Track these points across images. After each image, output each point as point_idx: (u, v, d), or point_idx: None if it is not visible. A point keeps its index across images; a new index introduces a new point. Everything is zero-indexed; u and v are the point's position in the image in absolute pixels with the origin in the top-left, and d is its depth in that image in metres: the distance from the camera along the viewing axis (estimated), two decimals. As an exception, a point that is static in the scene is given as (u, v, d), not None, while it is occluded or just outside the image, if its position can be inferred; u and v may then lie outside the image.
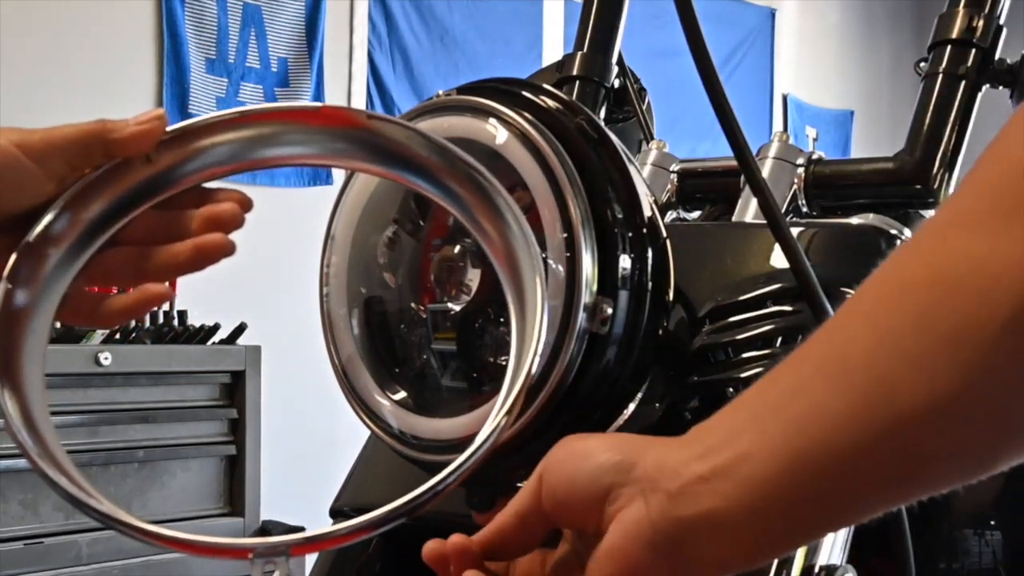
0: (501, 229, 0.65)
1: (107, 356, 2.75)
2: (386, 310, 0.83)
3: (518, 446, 0.75)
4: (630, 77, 1.12)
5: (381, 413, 0.81)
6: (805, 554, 0.76)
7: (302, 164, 0.70)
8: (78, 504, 0.59)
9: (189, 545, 0.57)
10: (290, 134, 0.68)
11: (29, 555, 2.63)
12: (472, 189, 0.66)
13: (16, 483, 2.65)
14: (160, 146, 0.67)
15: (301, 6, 3.96)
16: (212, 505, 2.99)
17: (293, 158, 0.69)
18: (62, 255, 0.65)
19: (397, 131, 0.67)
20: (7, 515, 2.63)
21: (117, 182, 0.66)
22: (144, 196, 0.67)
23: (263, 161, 0.69)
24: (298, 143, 0.68)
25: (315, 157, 0.69)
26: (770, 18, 5.78)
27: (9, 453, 2.62)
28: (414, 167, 0.67)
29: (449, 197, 0.67)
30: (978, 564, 1.01)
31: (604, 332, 0.74)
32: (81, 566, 2.69)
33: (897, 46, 6.39)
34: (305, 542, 0.58)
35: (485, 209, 0.66)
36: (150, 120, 0.66)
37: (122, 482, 2.81)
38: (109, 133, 0.65)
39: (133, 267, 0.67)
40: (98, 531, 2.75)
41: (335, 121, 0.67)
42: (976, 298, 0.44)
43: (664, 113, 1.22)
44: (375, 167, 0.68)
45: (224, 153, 0.69)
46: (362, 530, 0.59)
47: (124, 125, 0.66)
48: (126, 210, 0.67)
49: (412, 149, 0.67)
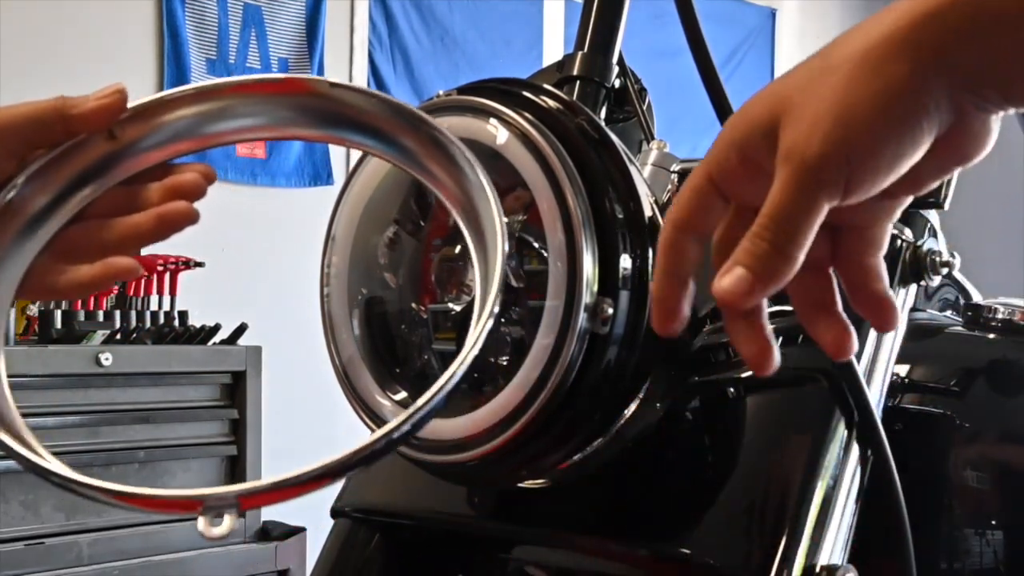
0: (459, 179, 0.65)
1: (108, 356, 2.75)
2: (387, 310, 0.83)
3: (519, 446, 0.75)
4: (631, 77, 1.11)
5: (382, 413, 0.81)
6: (805, 554, 0.76)
7: (266, 137, 0.70)
8: (25, 463, 0.58)
9: (138, 499, 0.56)
10: (252, 105, 0.68)
11: (30, 555, 2.63)
12: (427, 143, 0.66)
13: (17, 484, 2.65)
14: (124, 122, 0.67)
15: (301, 6, 3.95)
16: (213, 505, 2.99)
17: (256, 129, 0.69)
18: (22, 230, 0.65)
19: (358, 97, 0.67)
20: (8, 515, 2.63)
21: (79, 158, 0.66)
22: (108, 172, 0.67)
23: (228, 134, 0.69)
24: (259, 114, 0.68)
25: (276, 127, 0.69)
26: (770, 18, 5.78)
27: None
28: (373, 130, 0.67)
29: (405, 155, 0.67)
30: (979, 564, 1.01)
31: (605, 332, 0.74)
32: (82, 567, 2.69)
33: (897, 46, 6.39)
34: (255, 492, 0.55)
35: (442, 162, 0.65)
36: (110, 95, 0.66)
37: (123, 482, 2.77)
38: (69, 109, 0.65)
39: (96, 240, 0.66)
40: (99, 531, 2.75)
41: (296, 90, 0.67)
42: None
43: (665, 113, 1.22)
44: (336, 134, 0.68)
45: (190, 126, 0.68)
46: (317, 479, 0.56)
47: (83, 100, 0.65)
48: (90, 186, 0.66)
49: (371, 113, 0.67)
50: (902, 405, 1.00)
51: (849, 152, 0.51)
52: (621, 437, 0.78)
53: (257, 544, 3.01)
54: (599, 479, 0.82)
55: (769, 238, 0.52)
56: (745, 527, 0.79)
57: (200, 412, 2.94)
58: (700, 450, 0.85)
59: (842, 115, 0.51)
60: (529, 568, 0.92)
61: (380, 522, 0.94)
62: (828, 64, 0.53)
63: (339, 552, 0.95)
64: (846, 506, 0.79)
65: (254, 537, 3.02)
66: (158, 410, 2.87)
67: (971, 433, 1.03)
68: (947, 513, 1.00)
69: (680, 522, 0.81)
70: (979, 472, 1.05)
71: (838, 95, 0.51)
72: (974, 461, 1.04)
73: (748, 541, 0.78)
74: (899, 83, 0.50)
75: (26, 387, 2.66)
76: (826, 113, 0.51)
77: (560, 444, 0.76)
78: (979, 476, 1.05)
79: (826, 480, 0.78)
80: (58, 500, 2.70)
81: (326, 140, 0.70)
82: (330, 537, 0.96)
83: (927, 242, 0.89)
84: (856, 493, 0.80)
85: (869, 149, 0.51)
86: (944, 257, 0.89)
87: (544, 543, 0.88)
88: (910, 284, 0.89)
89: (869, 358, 0.84)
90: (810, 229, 0.52)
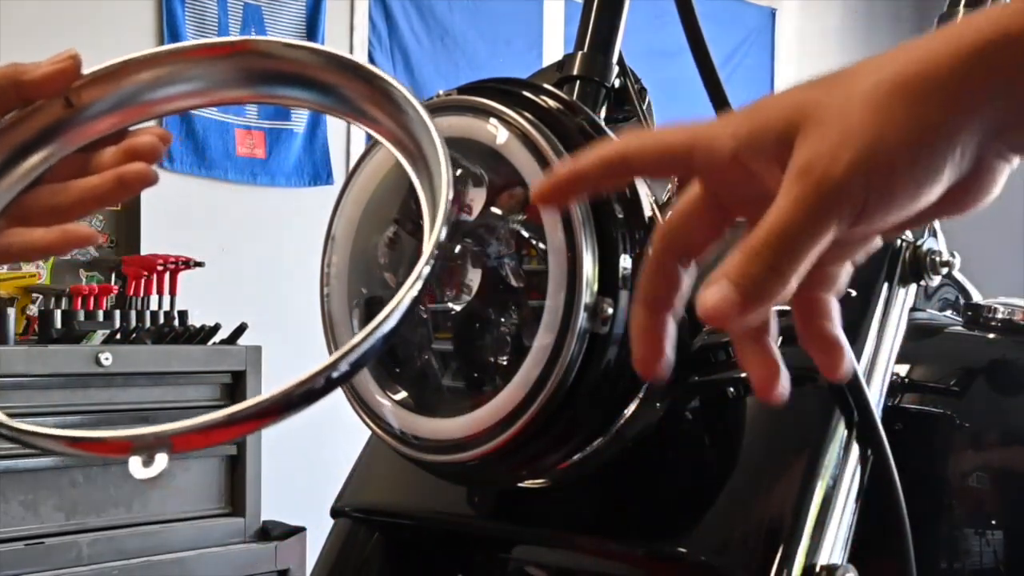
0: (402, 122, 0.64)
1: (107, 356, 2.75)
2: (386, 310, 0.83)
3: (519, 446, 0.75)
4: (631, 77, 1.11)
5: (382, 413, 0.81)
6: (805, 553, 0.76)
7: (221, 100, 0.69)
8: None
9: (66, 441, 0.54)
10: (206, 69, 0.68)
11: (29, 555, 2.63)
12: (369, 90, 0.66)
13: (17, 483, 2.65)
14: (81, 88, 0.66)
15: (301, 6, 3.96)
16: (212, 505, 2.99)
17: (209, 92, 0.68)
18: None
19: (304, 54, 0.67)
20: (8, 515, 2.63)
21: (34, 124, 0.66)
22: (63, 137, 0.66)
23: (182, 98, 0.69)
24: (212, 77, 0.68)
25: (227, 90, 0.68)
26: (770, 18, 5.78)
27: (9, 453, 2.62)
28: (319, 85, 0.67)
29: (346, 104, 0.67)
30: (979, 564, 1.01)
31: (605, 332, 0.74)
32: (81, 566, 2.69)
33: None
34: (188, 431, 0.53)
35: (385, 107, 0.65)
36: (63, 60, 0.65)
37: (123, 482, 2.81)
38: (21, 75, 0.64)
39: (52, 203, 0.66)
40: (98, 531, 2.75)
41: (247, 50, 0.67)
42: None
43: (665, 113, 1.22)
44: (286, 93, 0.68)
45: (144, 91, 0.68)
46: (250, 418, 0.53)
47: (36, 66, 0.65)
48: (44, 151, 0.66)
49: (315, 66, 0.67)
50: (902, 405, 1.00)
51: (870, 181, 0.49)
52: (621, 437, 0.78)
53: (257, 544, 3.01)
54: (599, 479, 0.82)
55: (768, 256, 0.49)
56: (745, 527, 0.79)
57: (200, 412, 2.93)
58: (700, 450, 0.85)
59: (871, 143, 0.48)
60: (529, 568, 0.92)
61: (380, 522, 0.94)
62: (860, 87, 0.50)
63: (339, 552, 0.95)
64: (846, 506, 0.79)
65: (254, 537, 3.02)
66: (158, 410, 2.87)
67: (971, 433, 1.03)
68: (947, 513, 1.00)
69: (680, 522, 0.81)
70: (979, 472, 1.05)
71: (869, 121, 0.49)
72: (974, 461, 1.04)
73: (748, 541, 0.78)
74: (935, 124, 0.49)
75: (26, 387, 2.66)
76: (855, 137, 0.49)
77: (560, 444, 0.76)
78: (979, 476, 1.05)
79: (826, 480, 0.78)
80: (58, 500, 2.70)
81: (275, 100, 0.69)
82: (330, 537, 0.96)
83: (927, 242, 0.89)
84: (856, 493, 0.80)
85: (891, 183, 0.49)
86: (944, 257, 0.88)
87: (544, 543, 0.88)
88: (910, 284, 0.89)
89: (869, 358, 0.84)
90: (813, 252, 0.49)
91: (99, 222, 3.42)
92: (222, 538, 2.96)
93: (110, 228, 3.44)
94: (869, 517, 0.80)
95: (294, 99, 0.68)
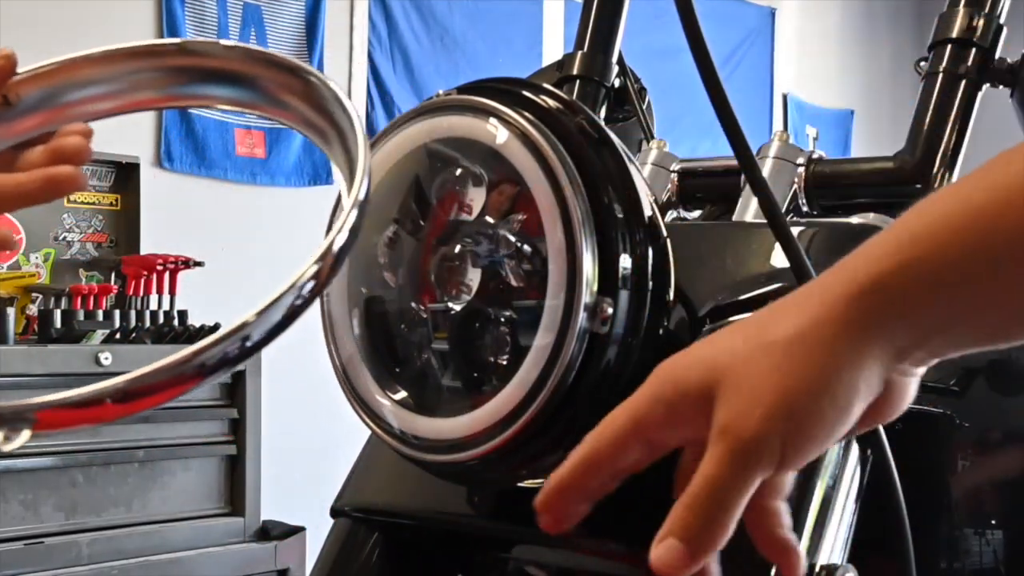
0: (311, 96, 0.64)
1: (107, 356, 2.75)
2: (386, 310, 0.83)
3: (518, 446, 0.75)
4: (630, 76, 1.11)
5: (382, 413, 0.81)
6: (805, 553, 0.76)
7: (162, 105, 0.70)
8: None
9: None
10: (138, 67, 0.68)
11: (29, 555, 2.63)
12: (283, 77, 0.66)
13: (16, 483, 2.65)
14: (19, 86, 0.66)
15: (301, 6, 3.95)
16: (212, 505, 2.99)
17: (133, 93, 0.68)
18: None
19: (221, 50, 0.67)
20: (7, 515, 2.63)
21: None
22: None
23: (113, 97, 0.68)
24: (143, 76, 0.68)
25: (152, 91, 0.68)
26: (770, 18, 5.78)
27: (9, 453, 2.62)
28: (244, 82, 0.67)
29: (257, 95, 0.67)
30: (979, 564, 1.01)
31: (604, 332, 0.74)
32: (81, 566, 2.69)
33: (897, 45, 6.39)
34: (55, 406, 0.49)
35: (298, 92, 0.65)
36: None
37: (122, 482, 2.81)
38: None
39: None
40: (98, 531, 2.75)
41: (193, 56, 0.67)
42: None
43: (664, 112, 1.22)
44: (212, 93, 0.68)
45: (77, 91, 0.68)
46: (132, 397, 0.50)
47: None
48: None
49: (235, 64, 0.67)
50: (902, 405, 1.00)
51: (786, 433, 0.52)
52: (621, 437, 0.78)
53: (257, 543, 3.01)
54: (599, 479, 0.82)
55: (703, 512, 0.53)
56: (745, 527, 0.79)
57: (199, 411, 2.94)
58: (700, 450, 0.85)
59: (780, 398, 0.52)
60: (529, 568, 0.92)
61: (380, 522, 0.94)
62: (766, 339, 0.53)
63: (339, 552, 0.95)
64: (846, 506, 0.79)
65: (253, 536, 3.02)
66: (157, 409, 2.87)
67: (971, 433, 1.03)
68: (947, 513, 1.00)
69: (680, 522, 0.81)
70: (979, 472, 1.05)
71: (776, 376, 0.52)
72: (974, 461, 1.04)
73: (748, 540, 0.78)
74: (837, 369, 0.52)
75: (26, 387, 2.66)
76: (764, 394, 0.52)
77: (560, 444, 0.76)
78: (979, 476, 1.05)
79: (825, 480, 0.78)
80: (58, 500, 2.70)
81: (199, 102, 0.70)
82: (330, 537, 0.96)
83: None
84: (856, 493, 0.79)
85: (803, 431, 0.52)
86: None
87: (544, 543, 0.88)
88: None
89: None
90: (742, 501, 0.53)
91: (99, 222, 3.42)
92: (222, 538, 2.96)
93: (110, 228, 3.44)
94: (869, 517, 0.80)
95: (216, 98, 0.68)
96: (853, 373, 0.51)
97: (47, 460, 2.67)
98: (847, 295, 0.52)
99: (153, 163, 3.60)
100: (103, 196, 3.41)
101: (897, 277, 0.51)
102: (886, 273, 0.51)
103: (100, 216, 3.42)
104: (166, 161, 3.63)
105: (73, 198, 3.34)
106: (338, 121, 0.62)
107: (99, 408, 0.50)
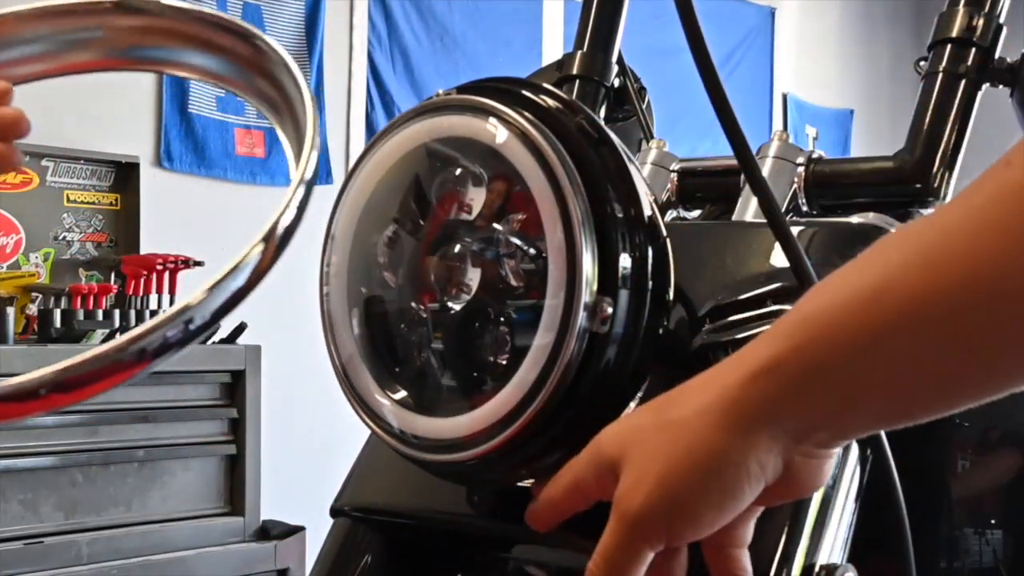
0: (261, 63, 0.63)
1: (107, 356, 2.75)
2: (386, 309, 0.83)
3: (518, 446, 0.75)
4: (630, 76, 1.11)
5: (381, 413, 0.81)
6: (805, 553, 0.76)
7: (99, 68, 0.68)
8: None
9: None
10: (83, 31, 0.67)
11: (29, 555, 2.63)
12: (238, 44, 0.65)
13: (16, 483, 2.65)
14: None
15: (301, 6, 3.95)
16: (212, 505, 2.99)
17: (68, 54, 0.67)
18: None
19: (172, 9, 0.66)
20: (7, 515, 2.63)
21: None
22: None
23: (54, 58, 0.67)
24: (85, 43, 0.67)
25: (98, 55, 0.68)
26: (770, 18, 5.78)
27: (9, 453, 2.62)
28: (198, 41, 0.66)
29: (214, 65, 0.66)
30: (979, 563, 1.01)
31: (604, 331, 0.73)
32: (80, 566, 2.69)
33: (897, 45, 6.39)
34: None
35: (249, 59, 0.64)
36: None
37: (122, 482, 2.81)
38: None
39: None
40: (98, 531, 2.75)
41: (133, 15, 0.66)
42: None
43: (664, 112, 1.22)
44: (164, 57, 0.67)
45: (16, 52, 0.67)
46: (67, 388, 0.47)
47: None
48: None
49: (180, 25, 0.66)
50: (902, 405, 1.00)
51: (670, 510, 0.55)
52: (621, 437, 0.78)
53: (256, 543, 3.01)
54: (599, 479, 0.82)
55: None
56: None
57: (199, 411, 2.94)
58: (700, 450, 0.85)
59: (664, 476, 0.55)
60: (529, 568, 0.92)
61: (380, 522, 0.94)
62: (665, 418, 0.56)
63: (339, 552, 0.95)
64: (845, 505, 0.79)
65: (253, 536, 3.02)
66: (157, 409, 2.87)
67: (971, 433, 1.03)
68: (947, 513, 1.00)
69: (680, 522, 0.81)
70: (979, 472, 1.04)
71: (662, 457, 0.55)
72: (974, 461, 1.04)
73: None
74: (724, 450, 0.53)
75: (25, 386, 2.66)
76: (650, 473, 0.55)
77: (560, 444, 0.76)
78: (979, 476, 1.05)
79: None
80: (58, 499, 2.70)
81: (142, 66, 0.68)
82: (329, 536, 0.96)
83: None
84: (856, 493, 0.79)
85: (689, 509, 0.54)
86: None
87: (544, 543, 0.88)
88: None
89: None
90: (637, 569, 0.57)
91: (99, 222, 3.42)
92: (221, 537, 2.96)
93: (110, 227, 3.44)
94: (869, 517, 0.80)
95: (158, 62, 0.66)
96: (743, 454, 0.53)
97: (47, 460, 2.67)
98: (742, 378, 0.53)
99: (153, 163, 3.60)
100: (103, 196, 3.41)
101: (790, 360, 0.52)
102: (779, 356, 0.52)
103: (100, 216, 3.42)
104: (166, 161, 3.63)
105: (73, 198, 3.35)
106: (288, 92, 0.61)
107: (34, 401, 0.46)
